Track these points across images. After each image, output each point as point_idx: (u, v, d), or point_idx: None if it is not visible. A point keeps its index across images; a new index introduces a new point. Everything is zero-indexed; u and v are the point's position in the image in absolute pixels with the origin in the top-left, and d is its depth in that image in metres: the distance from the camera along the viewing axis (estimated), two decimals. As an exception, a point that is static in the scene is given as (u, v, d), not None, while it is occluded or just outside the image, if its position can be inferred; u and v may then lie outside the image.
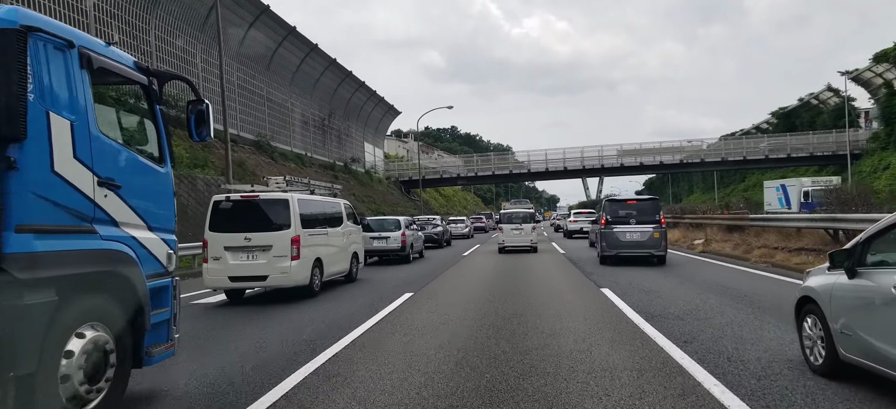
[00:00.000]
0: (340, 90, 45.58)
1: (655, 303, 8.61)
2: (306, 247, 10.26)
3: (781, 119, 62.44)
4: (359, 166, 49.35)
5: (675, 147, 54.29)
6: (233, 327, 7.84)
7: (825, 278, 4.75)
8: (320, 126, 43.50)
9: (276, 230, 9.90)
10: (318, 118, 43.07)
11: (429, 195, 66.84)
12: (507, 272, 14.07)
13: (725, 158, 51.70)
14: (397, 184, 56.66)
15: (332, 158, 44.45)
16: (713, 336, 6.33)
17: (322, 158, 42.52)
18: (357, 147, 51.85)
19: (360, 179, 46.65)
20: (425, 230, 24.70)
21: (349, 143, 49.78)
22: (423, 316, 7.98)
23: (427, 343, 6.29)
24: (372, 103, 53.32)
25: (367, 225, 18.15)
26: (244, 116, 32.71)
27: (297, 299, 10.17)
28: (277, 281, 9.80)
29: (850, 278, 4.35)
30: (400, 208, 45.35)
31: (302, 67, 38.79)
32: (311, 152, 41.04)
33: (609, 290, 9.94)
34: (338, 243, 12.20)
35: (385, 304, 9.17)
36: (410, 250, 18.89)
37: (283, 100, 37.47)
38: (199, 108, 4.88)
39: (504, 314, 7.87)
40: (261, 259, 9.78)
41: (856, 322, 4.22)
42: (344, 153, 47.67)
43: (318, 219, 11.32)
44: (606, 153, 53.56)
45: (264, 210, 10.10)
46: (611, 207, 15.72)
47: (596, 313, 7.88)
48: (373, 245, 17.73)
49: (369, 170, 52.37)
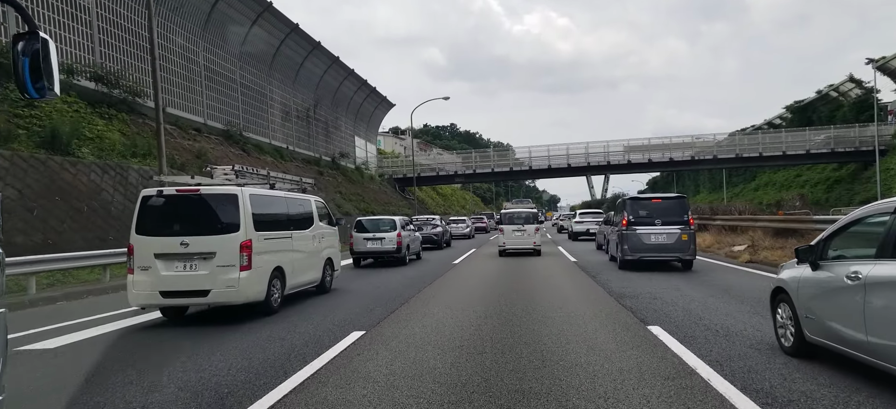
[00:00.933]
0: (327, 79, 43.01)
1: (757, 361, 5.35)
2: (261, 254, 8.47)
3: (797, 114, 60.53)
4: (348, 162, 47.20)
5: (686, 143, 52.29)
6: (135, 363, 6.04)
7: (794, 270, 5.53)
8: (304, 117, 40.94)
9: (222, 233, 8.14)
10: (301, 108, 40.45)
11: (425, 194, 65.44)
12: (506, 292, 10.74)
13: (740, 154, 49.29)
14: (391, 182, 54.79)
15: (317, 152, 42.06)
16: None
17: (305, 153, 40.07)
18: (346, 141, 49.36)
19: (349, 175, 44.50)
20: (423, 231, 24.22)
21: (337, 137, 47.30)
22: (386, 360, 5.93)
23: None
24: (363, 94, 50.74)
25: (361, 225, 17.92)
26: (213, 102, 29.95)
27: (249, 318, 8.45)
28: (222, 297, 8.00)
29: (813, 271, 5.15)
30: (392, 206, 43.78)
31: (282, 51, 36.06)
32: (293, 145, 38.58)
33: (660, 329, 6.88)
34: (306, 248, 10.41)
35: (345, 333, 7.30)
36: (406, 251, 18.29)
37: (260, 86, 34.79)
38: (34, 46, 2.96)
39: (502, 387, 4.72)
40: (201, 270, 7.99)
41: (818, 308, 5.00)
42: (332, 148, 45.31)
43: (279, 219, 9.53)
44: (613, 150, 51.72)
45: (207, 208, 8.32)
46: (633, 206, 14.20)
47: (664, 391, 4.54)
48: (367, 247, 17.49)
49: (360, 166, 49.96)
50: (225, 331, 7.63)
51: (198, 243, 8.06)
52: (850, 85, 52.60)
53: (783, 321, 5.67)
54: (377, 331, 7.33)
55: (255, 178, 9.80)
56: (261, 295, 8.58)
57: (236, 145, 30.08)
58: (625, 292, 10.26)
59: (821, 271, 5.02)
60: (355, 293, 11.25)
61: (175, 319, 8.73)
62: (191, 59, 27.78)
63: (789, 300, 5.48)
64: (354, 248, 17.83)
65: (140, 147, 20.70)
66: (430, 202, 63.66)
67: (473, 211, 74.98)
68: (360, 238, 17.72)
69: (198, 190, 8.31)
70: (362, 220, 18.67)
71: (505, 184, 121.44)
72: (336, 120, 47.07)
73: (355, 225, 18.35)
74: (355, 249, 17.84)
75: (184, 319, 8.78)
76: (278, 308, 9.15)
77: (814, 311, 5.02)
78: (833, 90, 55.54)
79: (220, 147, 27.79)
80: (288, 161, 34.89)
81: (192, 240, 8.05)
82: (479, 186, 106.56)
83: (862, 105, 50.20)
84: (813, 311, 5.04)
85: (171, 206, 8.30)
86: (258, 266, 8.47)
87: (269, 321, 8.27)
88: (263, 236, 8.75)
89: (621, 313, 8.17)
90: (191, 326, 8.26)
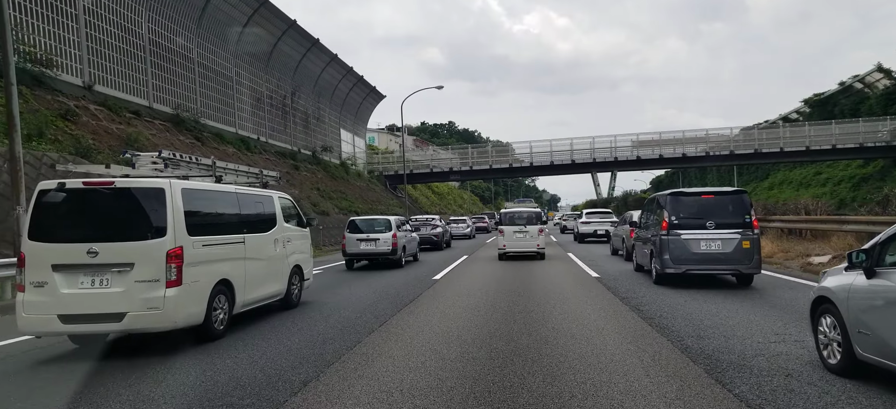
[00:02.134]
0: (307, 65, 39.80)
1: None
2: (198, 264, 6.82)
3: (816, 107, 58.39)
4: (332, 157, 44.57)
5: (700, 137, 49.79)
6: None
7: (842, 277, 5.16)
8: (280, 106, 37.73)
9: (143, 239, 6.46)
10: (276, 96, 37.03)
11: (419, 192, 63.11)
12: (506, 315, 8.45)
13: (759, 149, 46.98)
14: (382, 179, 52.08)
15: (296, 145, 39.03)
16: None
17: (280, 145, 36.95)
18: (330, 134, 46.18)
19: (332, 171, 41.89)
20: (421, 231, 23.90)
21: (320, 129, 44.18)
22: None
23: None
24: (349, 83, 47.49)
25: (354, 225, 17.70)
26: (162, 83, 26.19)
27: (186, 345, 6.73)
28: (143, 321, 6.34)
29: (868, 279, 4.76)
30: (381, 205, 41.85)
31: (251, 29, 32.01)
32: (266, 137, 35.15)
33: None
34: (265, 255, 8.74)
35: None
36: (402, 253, 18.00)
37: (224, 68, 31.16)
38: None
39: None
40: (115, 286, 6.32)
41: (873, 322, 4.60)
42: (313, 141, 42.24)
43: (226, 220, 7.87)
44: (620, 145, 48.98)
45: (123, 206, 6.67)
46: (676, 204, 11.51)
47: None
48: (360, 248, 17.26)
49: (346, 161, 46.68)
50: (150, 364, 5.95)
51: (110, 251, 6.39)
52: (878, 75, 50.53)
53: (828, 337, 5.32)
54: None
55: (197, 168, 8.06)
56: (197, 317, 6.91)
57: (188, 133, 26.49)
58: (690, 331, 7.05)
59: (878, 278, 4.67)
60: (329, 309, 9.54)
61: (88, 345, 7.01)
62: (131, 30, 24.11)
63: (836, 313, 5.12)
64: (347, 249, 17.41)
65: (30, 124, 16.29)
66: (424, 201, 61.23)
67: (471, 211, 73.26)
68: (353, 239, 17.31)
69: (112, 183, 6.59)
70: (356, 220, 18.25)
71: (504, 183, 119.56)
72: (318, 111, 43.88)
73: (348, 225, 17.91)
74: (347, 250, 17.40)
75: (105, 346, 7.05)
76: (224, 332, 7.46)
77: (868, 325, 4.65)
78: (857, 81, 53.55)
79: (165, 134, 24.36)
80: (256, 153, 31.80)
81: (103, 247, 6.38)
82: (477, 185, 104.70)
83: (890, 96, 48.13)
84: (867, 325, 4.66)
85: (77, 203, 6.64)
86: (193, 280, 6.79)
87: (203, 354, 6.58)
88: (202, 241, 7.07)
89: (707, 386, 4.95)
90: (112, 358, 6.54)
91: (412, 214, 35.76)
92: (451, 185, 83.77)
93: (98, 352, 6.80)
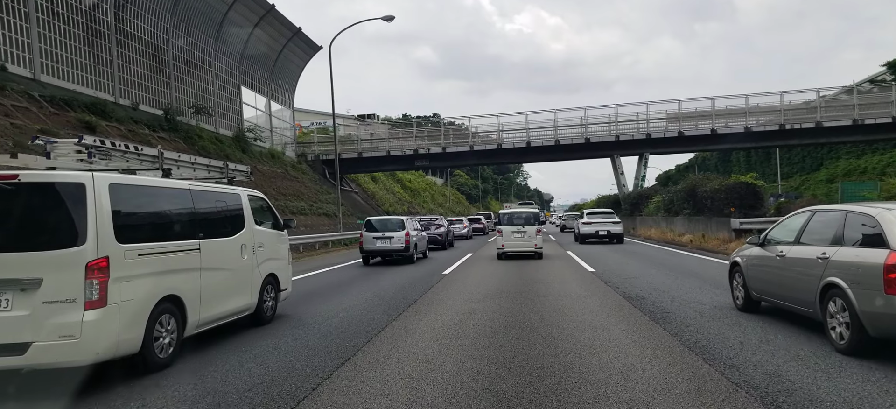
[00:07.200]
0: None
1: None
2: (132, 279, 5.40)
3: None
4: (224, 128, 31.36)
5: (771, 107, 35.45)
6: None
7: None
8: (154, 55, 26.11)
9: (54, 247, 4.90)
10: (146, 38, 25.47)
11: (381, 186, 50.26)
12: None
13: (859, 120, 33.08)
14: (318, 164, 40.21)
15: (166, 102, 26.82)
16: None
17: (150, 110, 25.38)
18: (226, 92, 32.18)
19: (209, 144, 27.35)
20: (429, 231, 25.37)
21: (203, 82, 30.13)
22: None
23: None
24: (252, 15, 31.99)
25: (371, 225, 19.11)
26: None
27: (113, 380, 5.17)
28: (52, 354, 4.89)
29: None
30: (302, 201, 31.37)
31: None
32: (127, 98, 24.23)
33: None
34: (228, 264, 7.23)
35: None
36: (414, 250, 19.28)
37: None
38: None
39: None
40: (16, 309, 4.84)
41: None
42: (190, 98, 28.98)
43: (175, 223, 6.43)
44: (654, 117, 36.28)
45: (27, 208, 5.10)
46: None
47: None
48: (376, 245, 18.63)
49: (245, 133, 32.54)
50: None
51: (11, 263, 4.88)
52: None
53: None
54: None
55: (137, 159, 6.45)
56: (132, 345, 5.43)
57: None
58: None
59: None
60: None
61: None
62: None
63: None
64: (364, 247, 18.81)
65: None
66: (387, 198, 48.83)
67: (454, 211, 63.66)
68: (370, 237, 18.74)
69: (15, 177, 5.00)
70: (372, 220, 19.80)
71: (494, 180, 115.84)
72: (193, 51, 29.08)
73: (365, 225, 19.49)
74: (365, 247, 18.79)
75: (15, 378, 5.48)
76: (172, 359, 5.90)
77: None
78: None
79: None
80: (102, 117, 20.99)
81: (2, 259, 4.79)
82: (464, 182, 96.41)
83: None
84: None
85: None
86: (124, 299, 5.30)
87: (142, 386, 5.01)
88: (138, 250, 5.57)
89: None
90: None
91: (357, 212, 32.56)
92: (429, 179, 73.86)
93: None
